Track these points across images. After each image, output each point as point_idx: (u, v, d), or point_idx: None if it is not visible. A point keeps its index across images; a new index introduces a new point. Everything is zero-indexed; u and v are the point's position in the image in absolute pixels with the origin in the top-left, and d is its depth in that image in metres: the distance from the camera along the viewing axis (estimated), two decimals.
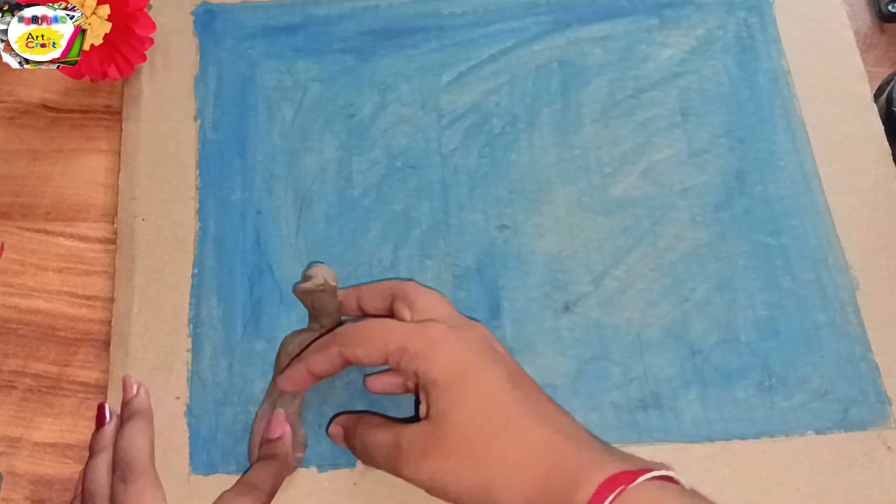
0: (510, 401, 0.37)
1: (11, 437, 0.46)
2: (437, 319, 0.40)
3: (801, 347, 0.46)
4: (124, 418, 0.44)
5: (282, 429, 0.43)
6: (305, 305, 0.45)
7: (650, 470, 0.34)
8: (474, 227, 0.49)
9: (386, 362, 0.40)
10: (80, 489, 0.43)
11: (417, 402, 0.41)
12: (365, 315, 0.44)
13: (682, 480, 0.35)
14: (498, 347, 0.41)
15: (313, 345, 0.43)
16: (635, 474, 0.33)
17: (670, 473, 0.35)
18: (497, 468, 0.36)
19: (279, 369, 0.45)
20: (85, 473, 0.42)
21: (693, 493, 0.35)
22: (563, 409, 0.40)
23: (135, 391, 0.44)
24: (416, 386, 0.39)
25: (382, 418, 0.42)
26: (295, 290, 0.45)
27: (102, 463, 0.42)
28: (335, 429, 0.43)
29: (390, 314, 0.43)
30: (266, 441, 0.43)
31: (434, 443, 0.37)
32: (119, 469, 0.41)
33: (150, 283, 0.48)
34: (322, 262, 0.47)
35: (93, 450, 0.43)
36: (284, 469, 0.42)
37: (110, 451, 0.43)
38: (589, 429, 0.42)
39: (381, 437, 0.40)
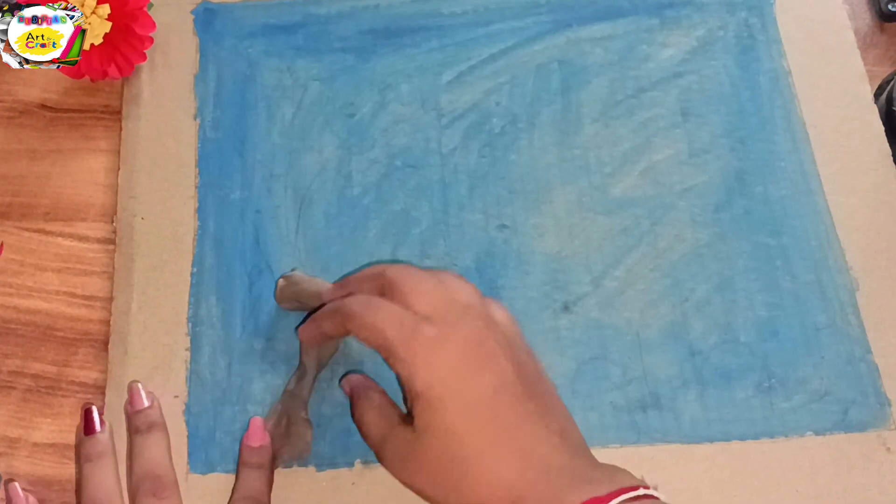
0: (485, 423, 0.36)
1: (10, 438, 0.45)
2: (431, 315, 0.38)
3: (801, 348, 0.46)
4: (141, 428, 0.43)
5: (260, 439, 0.43)
6: (298, 308, 0.46)
7: (621, 492, 0.33)
8: (474, 227, 0.49)
9: (376, 349, 0.39)
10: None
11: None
12: None
13: (659, 495, 0.34)
14: (490, 345, 0.38)
15: (327, 306, 0.42)
16: (602, 500, 0.32)
17: (644, 492, 0.33)
18: (466, 495, 0.36)
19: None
20: (87, 478, 0.42)
21: None
22: (557, 413, 0.39)
23: (149, 402, 0.44)
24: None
25: (381, 399, 0.42)
26: (281, 303, 0.47)
27: (108, 469, 0.42)
28: (345, 385, 0.44)
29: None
30: (247, 448, 0.43)
31: (413, 454, 0.38)
32: (148, 482, 0.41)
33: (149, 281, 0.48)
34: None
35: (89, 455, 0.42)
36: (272, 477, 0.43)
37: (112, 457, 0.42)
38: (588, 429, 0.41)
39: (373, 427, 0.41)
